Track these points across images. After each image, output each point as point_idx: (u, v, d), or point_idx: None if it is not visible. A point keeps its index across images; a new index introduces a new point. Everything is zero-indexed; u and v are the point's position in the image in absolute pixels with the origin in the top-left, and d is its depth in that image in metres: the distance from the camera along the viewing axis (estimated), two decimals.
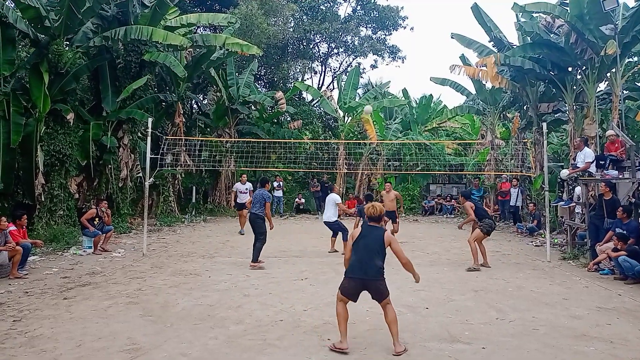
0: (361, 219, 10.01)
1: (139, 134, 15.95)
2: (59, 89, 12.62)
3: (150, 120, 11.23)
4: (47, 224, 12.04)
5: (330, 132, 25.17)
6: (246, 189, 14.53)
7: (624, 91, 15.33)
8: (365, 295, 7.13)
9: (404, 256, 5.19)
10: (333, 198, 11.14)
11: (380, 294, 5.05)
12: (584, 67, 14.05)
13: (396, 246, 5.14)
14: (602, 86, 15.54)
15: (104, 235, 11.08)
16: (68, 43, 13.37)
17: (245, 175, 15.31)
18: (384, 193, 12.18)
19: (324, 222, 11.26)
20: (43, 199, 12.10)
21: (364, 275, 5.02)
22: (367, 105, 18.34)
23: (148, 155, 10.82)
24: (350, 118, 23.21)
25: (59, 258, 10.12)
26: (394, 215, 11.86)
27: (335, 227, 11.03)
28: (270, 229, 9.77)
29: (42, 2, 11.89)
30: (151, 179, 11.20)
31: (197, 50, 18.11)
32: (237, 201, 14.66)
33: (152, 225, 15.25)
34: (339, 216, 11.47)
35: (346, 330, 5.00)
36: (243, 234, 13.76)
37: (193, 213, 18.85)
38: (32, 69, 12.28)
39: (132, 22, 14.21)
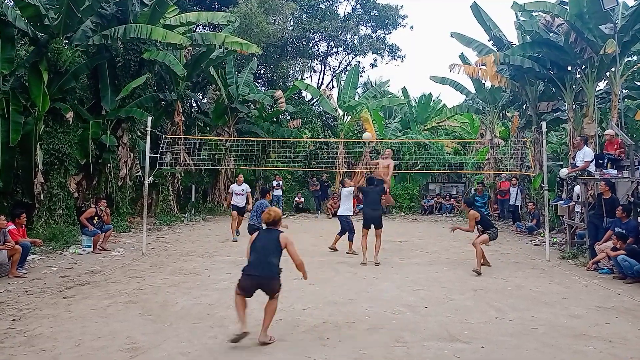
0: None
1: (138, 133, 15.95)
2: (58, 88, 12.61)
3: (149, 119, 11.22)
4: (46, 222, 12.03)
5: (329, 131, 25.17)
6: (242, 190, 13.29)
7: (623, 90, 15.33)
8: (364, 294, 7.16)
9: (298, 258, 5.40)
10: (348, 190, 10.94)
11: (273, 291, 5.28)
12: (584, 66, 14.05)
13: (291, 248, 5.37)
14: (602, 85, 15.56)
15: (104, 234, 11.07)
16: (67, 42, 13.35)
17: (242, 176, 14.07)
18: (380, 160, 11.72)
19: (338, 215, 11.14)
20: (42, 198, 12.09)
21: (261, 273, 5.25)
22: (366, 133, 18.27)
23: (147, 154, 10.81)
24: (349, 117, 23.21)
25: (58, 257, 10.12)
26: (382, 185, 10.77)
27: (345, 225, 10.91)
28: None
29: (41, 0, 11.88)
30: (150, 177, 11.20)
31: (197, 49, 18.10)
32: (232, 203, 13.20)
33: (151, 224, 15.24)
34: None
35: (244, 317, 5.13)
36: (236, 241, 12.53)
37: (192, 212, 18.85)
38: (32, 68, 12.27)
39: (132, 21, 14.19)
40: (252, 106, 22.19)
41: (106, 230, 11.19)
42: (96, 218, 10.97)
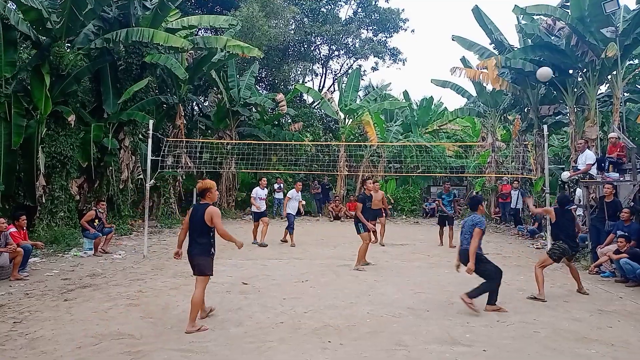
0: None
1: (140, 136, 15.96)
2: (60, 91, 12.64)
3: (151, 122, 11.25)
4: (47, 225, 12.04)
5: (331, 134, 25.17)
6: (265, 194, 13.17)
7: (625, 93, 15.34)
8: (365, 297, 7.15)
9: (221, 228, 5.53)
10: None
11: (201, 269, 5.52)
12: (585, 70, 14.05)
13: (216, 220, 5.49)
14: (603, 89, 15.56)
15: (105, 237, 11.09)
16: (69, 45, 13.39)
17: (265, 179, 13.73)
18: (372, 193, 11.80)
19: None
20: (44, 201, 12.10)
21: (190, 251, 5.58)
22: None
23: (149, 157, 10.82)
24: (350, 120, 23.24)
25: (59, 260, 10.12)
26: (380, 213, 12.91)
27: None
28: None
29: (43, 4, 11.93)
30: (152, 180, 11.20)
31: (198, 52, 18.15)
32: (254, 210, 12.84)
33: (152, 227, 15.24)
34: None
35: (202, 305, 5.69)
36: (266, 245, 12.27)
37: None
38: (34, 71, 12.30)
39: (134, 24, 14.24)
40: (253, 109, 22.23)
41: (107, 233, 11.20)
42: (96, 220, 10.98)
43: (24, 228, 9.18)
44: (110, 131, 14.50)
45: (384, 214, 13.34)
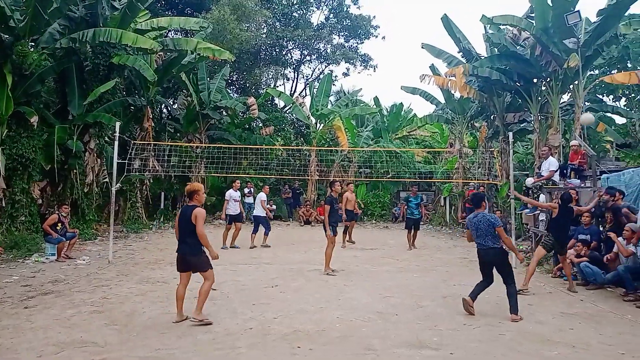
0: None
1: (106, 138, 15.60)
2: (23, 91, 12.27)
3: (118, 124, 11.01)
4: (7, 230, 11.65)
5: (302, 139, 25.17)
6: (239, 196, 13.42)
7: (586, 103, 15.84)
8: (335, 302, 7.16)
9: (201, 230, 5.77)
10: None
11: (198, 267, 5.86)
12: (549, 79, 14.48)
13: (199, 221, 5.76)
14: (566, 97, 16.04)
15: (68, 241, 10.77)
16: (33, 44, 13.03)
17: (238, 182, 13.83)
18: (348, 195, 13.64)
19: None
20: (4, 205, 11.71)
21: (182, 251, 5.89)
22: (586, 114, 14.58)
23: (115, 160, 10.59)
24: (322, 125, 23.30)
25: (20, 265, 9.78)
26: (354, 216, 14.29)
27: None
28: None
29: (6, 1, 11.54)
30: (118, 184, 10.96)
31: (168, 54, 17.88)
32: (228, 212, 13.03)
33: (118, 232, 14.89)
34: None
35: (180, 306, 6.00)
36: (238, 247, 12.72)
37: (161, 219, 18.52)
38: None
39: (101, 24, 13.92)
40: (224, 113, 22.02)
41: (71, 237, 10.88)
42: (59, 224, 10.66)
43: None
44: (75, 133, 14.12)
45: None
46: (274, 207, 21.79)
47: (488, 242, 6.56)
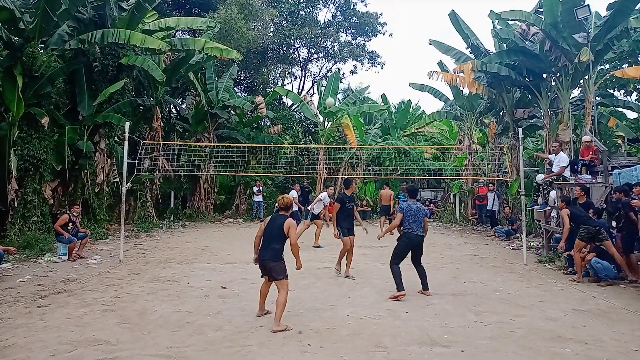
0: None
1: (116, 139, 15.72)
2: (34, 93, 12.37)
3: (127, 124, 11.07)
4: (20, 230, 11.75)
5: (310, 137, 25.17)
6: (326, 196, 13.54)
7: (597, 97, 15.71)
8: (345, 300, 7.17)
9: (294, 242, 5.99)
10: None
11: (274, 273, 5.93)
12: (558, 74, 14.37)
13: (292, 231, 5.95)
14: (576, 92, 15.94)
15: (79, 241, 10.86)
16: (43, 46, 13.13)
17: (298, 185, 14.37)
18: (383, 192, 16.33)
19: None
20: (16, 205, 11.82)
21: (263, 256, 5.99)
22: (328, 99, 18.81)
23: (125, 160, 10.66)
24: (330, 123, 23.30)
25: (32, 265, 9.88)
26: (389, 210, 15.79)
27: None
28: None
29: (16, 3, 11.64)
30: (128, 184, 11.03)
31: (176, 54, 17.95)
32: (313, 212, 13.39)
33: (129, 231, 14.99)
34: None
35: (262, 302, 6.33)
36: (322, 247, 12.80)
37: (171, 218, 18.63)
38: (6, 72, 12.01)
39: (110, 25, 14.02)
40: (232, 112, 22.09)
41: (82, 237, 10.97)
42: (70, 224, 10.75)
43: None
44: (85, 133, 14.23)
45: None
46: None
47: (420, 229, 7.47)
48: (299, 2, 28.37)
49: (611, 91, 17.78)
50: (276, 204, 6.56)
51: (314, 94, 30.65)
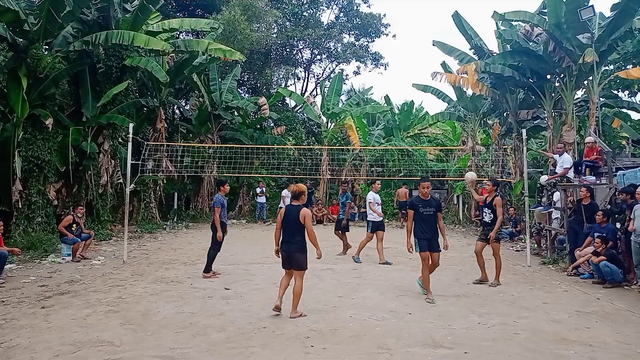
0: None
1: (120, 140, 15.76)
2: (38, 94, 12.42)
3: (131, 125, 11.09)
4: (24, 231, 11.81)
5: (313, 138, 25.19)
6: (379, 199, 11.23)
7: (601, 98, 15.65)
8: (348, 301, 7.16)
9: (311, 229, 6.16)
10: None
11: (298, 264, 6.16)
12: (562, 75, 14.32)
13: (307, 220, 6.12)
14: (580, 93, 15.85)
15: (83, 242, 10.89)
16: (47, 47, 13.18)
17: (378, 182, 11.57)
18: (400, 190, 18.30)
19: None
20: (20, 206, 11.87)
21: (288, 248, 6.16)
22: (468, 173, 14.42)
23: (129, 161, 10.70)
24: (333, 124, 23.29)
25: (36, 266, 9.91)
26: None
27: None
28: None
29: (21, 5, 11.72)
30: (132, 185, 11.06)
31: (180, 55, 18.01)
32: (372, 219, 10.89)
33: (132, 232, 15.04)
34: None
35: (282, 293, 6.39)
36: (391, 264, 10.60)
37: (175, 219, 18.66)
38: (10, 74, 12.08)
39: (114, 27, 14.08)
40: (235, 113, 22.12)
41: (86, 238, 11.00)
42: (74, 225, 10.79)
43: (0, 234, 8.97)
44: (89, 135, 14.28)
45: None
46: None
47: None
48: (302, 4, 28.44)
49: (615, 92, 17.70)
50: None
51: (317, 95, 30.70)
